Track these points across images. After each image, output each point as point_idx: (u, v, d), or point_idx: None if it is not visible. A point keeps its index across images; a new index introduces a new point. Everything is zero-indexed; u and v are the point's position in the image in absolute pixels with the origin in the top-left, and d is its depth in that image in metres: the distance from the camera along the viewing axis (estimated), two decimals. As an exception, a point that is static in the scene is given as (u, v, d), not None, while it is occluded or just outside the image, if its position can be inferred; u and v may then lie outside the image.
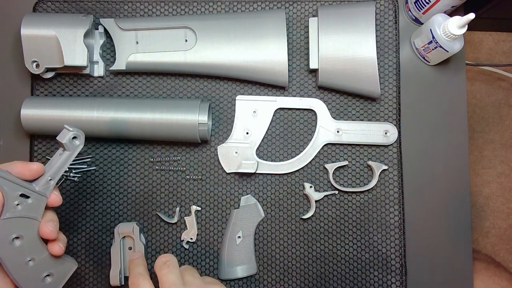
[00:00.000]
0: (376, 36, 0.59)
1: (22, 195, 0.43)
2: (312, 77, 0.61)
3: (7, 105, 0.61)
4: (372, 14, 0.57)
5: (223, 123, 0.61)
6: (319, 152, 0.60)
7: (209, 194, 0.60)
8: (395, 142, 0.60)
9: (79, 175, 0.60)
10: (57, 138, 0.46)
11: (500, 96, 1.31)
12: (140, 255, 0.51)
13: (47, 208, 0.46)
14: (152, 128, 0.56)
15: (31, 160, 0.60)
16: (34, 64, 0.57)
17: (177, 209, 0.59)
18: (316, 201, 0.59)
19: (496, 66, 1.27)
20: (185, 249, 0.59)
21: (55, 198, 0.46)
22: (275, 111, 0.60)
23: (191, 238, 0.59)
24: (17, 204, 0.43)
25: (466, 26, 0.52)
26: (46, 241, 0.46)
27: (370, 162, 0.59)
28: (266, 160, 0.60)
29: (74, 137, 0.46)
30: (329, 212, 0.59)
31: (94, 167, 0.60)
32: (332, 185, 0.59)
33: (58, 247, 0.45)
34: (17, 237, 0.43)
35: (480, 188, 1.28)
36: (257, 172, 0.59)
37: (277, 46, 0.57)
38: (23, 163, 0.44)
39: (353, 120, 0.60)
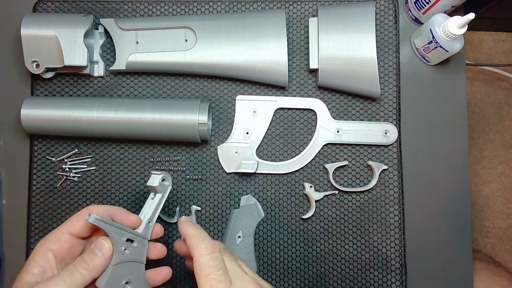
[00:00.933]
0: (376, 36, 0.59)
1: (127, 240, 0.44)
2: (312, 77, 0.61)
3: (7, 105, 0.61)
4: (372, 14, 0.57)
5: (223, 123, 0.61)
6: (319, 152, 0.60)
7: (209, 194, 0.60)
8: (395, 142, 0.60)
9: (79, 175, 0.60)
10: (147, 184, 0.48)
11: (500, 96, 1.31)
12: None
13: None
14: (152, 128, 0.56)
15: (31, 160, 0.60)
16: (34, 64, 0.57)
17: (177, 209, 0.59)
18: (316, 201, 0.59)
19: (496, 66, 1.27)
20: (185, 249, 0.59)
21: (158, 229, 0.48)
22: (275, 111, 0.60)
23: (191, 238, 0.59)
24: (125, 249, 0.44)
25: (466, 26, 0.52)
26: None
27: (370, 162, 0.59)
28: (266, 160, 0.60)
29: (163, 179, 0.48)
30: (329, 212, 0.59)
31: (94, 167, 0.60)
32: (332, 185, 0.59)
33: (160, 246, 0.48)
34: (127, 282, 0.44)
35: (480, 188, 1.28)
36: (257, 172, 0.59)
37: (277, 46, 0.57)
38: (124, 212, 0.46)
39: (353, 120, 0.60)
